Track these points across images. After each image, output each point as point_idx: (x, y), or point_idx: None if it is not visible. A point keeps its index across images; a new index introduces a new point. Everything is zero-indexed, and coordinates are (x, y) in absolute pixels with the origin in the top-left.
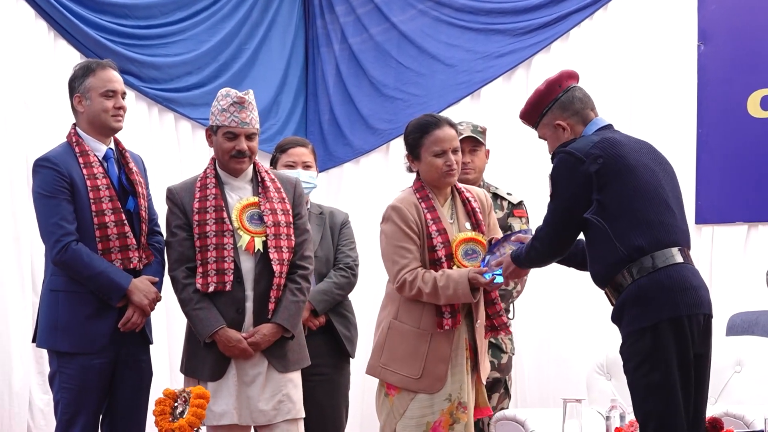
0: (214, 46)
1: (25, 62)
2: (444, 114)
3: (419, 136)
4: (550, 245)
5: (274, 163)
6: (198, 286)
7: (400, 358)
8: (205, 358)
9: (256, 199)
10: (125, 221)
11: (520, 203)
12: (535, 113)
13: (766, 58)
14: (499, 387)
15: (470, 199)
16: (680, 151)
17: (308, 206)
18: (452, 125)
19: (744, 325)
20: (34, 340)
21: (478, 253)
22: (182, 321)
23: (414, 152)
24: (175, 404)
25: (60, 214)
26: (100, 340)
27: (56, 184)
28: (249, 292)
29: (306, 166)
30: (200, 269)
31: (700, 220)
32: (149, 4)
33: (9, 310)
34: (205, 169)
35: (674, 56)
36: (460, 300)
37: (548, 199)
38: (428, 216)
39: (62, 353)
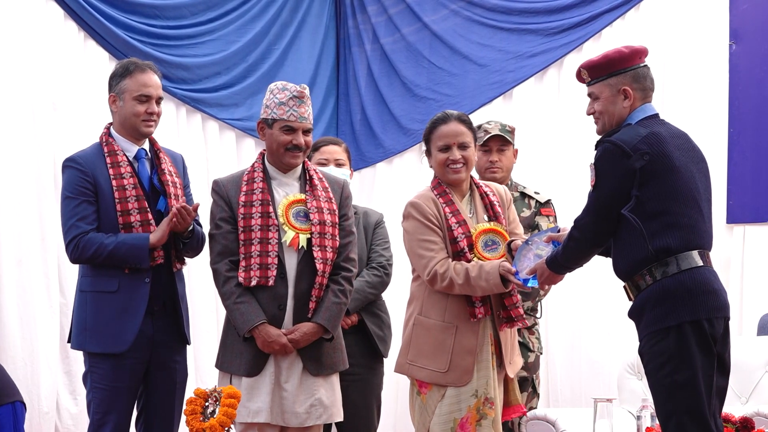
0: (243, 46)
1: (55, 63)
2: (476, 114)
3: (429, 132)
4: (591, 235)
5: None
6: (240, 279)
7: (426, 353)
8: (241, 354)
9: (302, 196)
10: (152, 221)
11: (548, 202)
12: (605, 69)
13: None
14: (526, 386)
15: (488, 192)
16: (712, 151)
17: None
18: (463, 121)
19: None
20: (69, 341)
21: (498, 243)
22: (210, 319)
23: (427, 148)
24: (206, 404)
25: (78, 215)
26: (128, 339)
27: (78, 185)
28: (291, 289)
29: (338, 164)
30: (243, 263)
31: (732, 219)
32: (179, 4)
33: (36, 311)
34: (253, 164)
35: (706, 55)
36: (492, 291)
37: (591, 187)
38: (447, 210)
39: (93, 354)
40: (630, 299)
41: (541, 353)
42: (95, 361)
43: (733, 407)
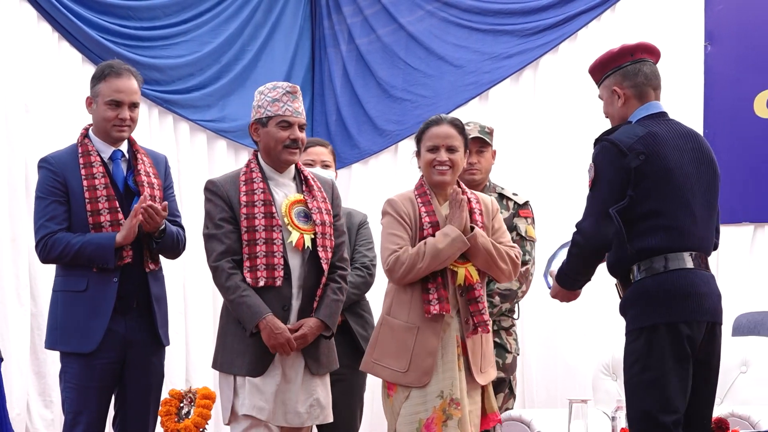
0: (217, 47)
1: (28, 65)
2: (452, 115)
3: (421, 133)
4: (596, 236)
5: None
6: (249, 280)
7: (390, 352)
8: (244, 353)
9: (301, 196)
10: (122, 221)
11: (526, 203)
12: (600, 72)
13: None
14: (503, 387)
15: (471, 200)
16: None
17: None
18: (455, 126)
19: (750, 325)
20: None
21: None
22: (206, 320)
23: (418, 149)
24: (181, 405)
25: (48, 215)
26: (96, 339)
27: (49, 185)
28: (296, 290)
29: (324, 166)
30: (248, 263)
31: None
32: (152, 5)
33: (7, 312)
34: (248, 164)
35: (681, 56)
36: (456, 249)
37: (588, 188)
38: (422, 209)
39: (65, 353)
40: (619, 296)
41: (519, 354)
42: (67, 361)
43: None
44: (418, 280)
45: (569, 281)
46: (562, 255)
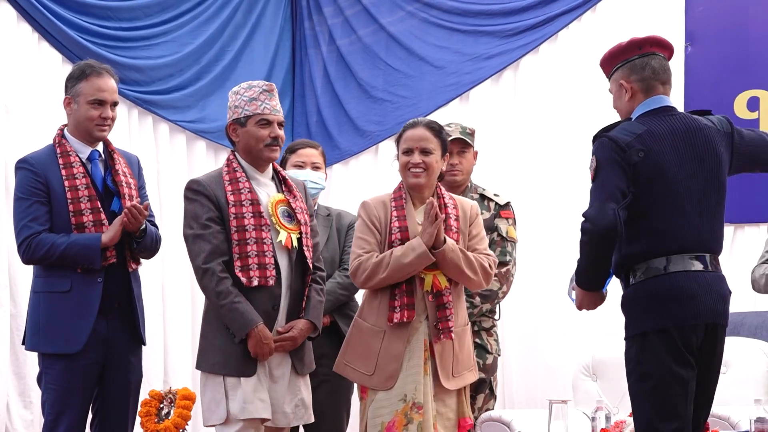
0: (197, 48)
1: (8, 65)
2: (433, 116)
3: (399, 136)
4: (602, 218)
5: (283, 164)
6: (242, 280)
7: (359, 355)
8: (232, 355)
9: (282, 196)
10: (104, 221)
11: (507, 204)
12: (609, 65)
13: (753, 60)
14: (484, 388)
15: (448, 204)
16: None
17: (316, 207)
18: (432, 128)
19: (729, 326)
20: (23, 343)
21: None
22: (184, 320)
23: (397, 152)
24: (161, 405)
25: (30, 216)
26: (81, 339)
27: (30, 186)
28: (284, 289)
29: (315, 167)
30: (239, 263)
31: None
32: (132, 6)
33: None
34: (229, 164)
35: None
36: (419, 264)
37: (591, 180)
38: (394, 214)
39: (47, 354)
40: None
41: (499, 355)
42: (49, 362)
43: None
44: (387, 285)
45: (586, 279)
46: None
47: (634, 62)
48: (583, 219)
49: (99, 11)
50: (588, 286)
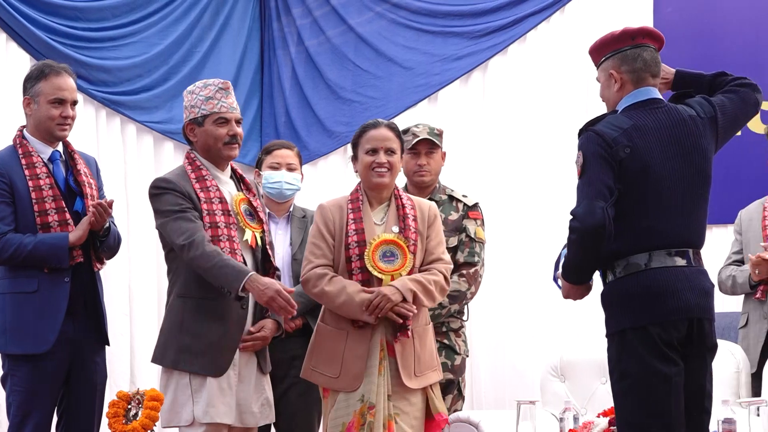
0: (165, 49)
1: None
2: (401, 117)
3: (358, 137)
4: (590, 217)
5: (258, 165)
6: None
7: (324, 359)
8: (203, 353)
9: (243, 194)
10: (69, 221)
11: (476, 205)
12: (598, 54)
13: (721, 62)
14: (452, 389)
15: (406, 205)
16: None
17: (292, 209)
18: (392, 129)
19: None
20: None
21: (396, 255)
22: (146, 323)
23: (354, 152)
24: (129, 406)
25: None
26: (48, 341)
27: None
28: None
29: (290, 168)
30: None
31: None
32: (100, 6)
33: None
34: (192, 162)
35: None
36: (350, 315)
37: (578, 177)
38: (350, 216)
39: (13, 356)
40: None
41: (468, 356)
42: (15, 364)
43: None
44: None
45: (574, 273)
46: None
47: (626, 53)
48: (572, 217)
49: (67, 12)
50: (576, 281)
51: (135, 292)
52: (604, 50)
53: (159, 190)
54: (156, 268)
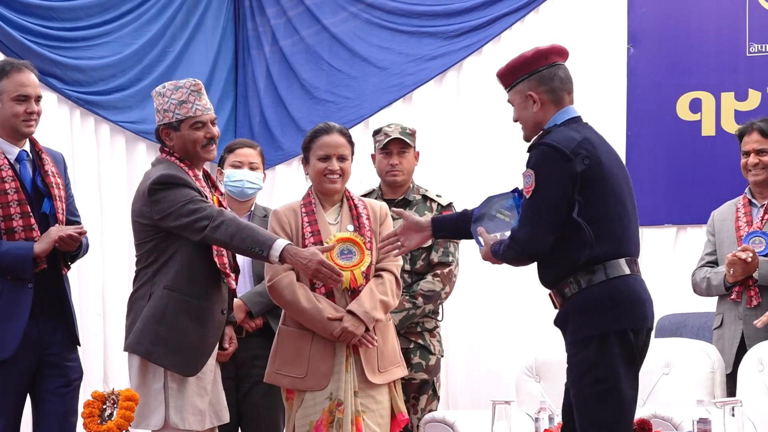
0: (139, 48)
1: None
2: (376, 117)
3: (309, 141)
4: (530, 247)
5: (221, 163)
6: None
7: (288, 360)
8: (181, 351)
9: (217, 197)
10: (34, 226)
11: (449, 205)
12: (512, 76)
13: (696, 61)
14: (427, 389)
15: (358, 206)
16: None
17: (253, 208)
18: (344, 134)
19: (672, 327)
20: None
21: (354, 253)
22: (119, 323)
23: (306, 156)
24: (104, 406)
25: None
26: (12, 345)
27: None
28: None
29: (252, 167)
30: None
31: None
32: (74, 6)
33: None
34: (177, 160)
35: (604, 59)
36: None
37: (527, 196)
38: (305, 219)
39: None
40: (555, 307)
41: (442, 356)
42: None
43: None
44: (308, 287)
45: (499, 259)
46: (489, 207)
47: (542, 73)
48: (511, 238)
49: (41, 12)
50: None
51: (108, 292)
52: (518, 72)
53: (167, 186)
54: (129, 268)
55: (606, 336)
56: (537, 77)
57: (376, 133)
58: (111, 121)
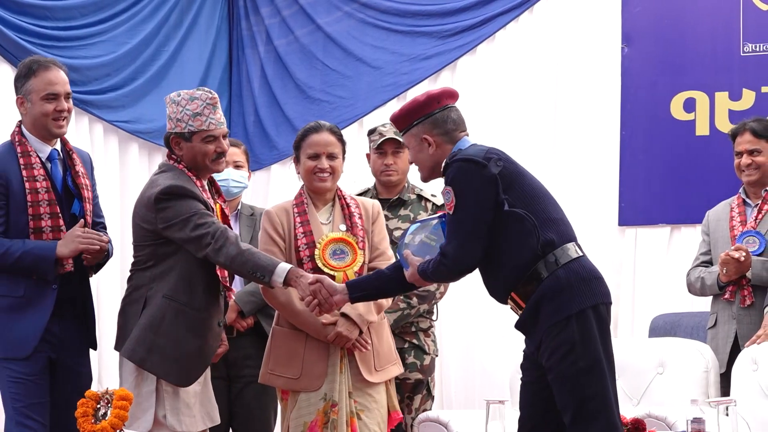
0: (133, 48)
1: None
2: (370, 116)
3: (300, 140)
4: (461, 260)
5: None
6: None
7: (282, 361)
8: (177, 360)
9: (217, 205)
10: (62, 227)
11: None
12: (406, 121)
13: (690, 61)
14: (421, 388)
15: (350, 205)
16: (604, 153)
17: (239, 207)
18: (334, 133)
19: (666, 326)
20: None
21: (346, 253)
22: (113, 324)
23: (296, 155)
24: (98, 406)
25: None
26: (33, 344)
27: None
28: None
29: (237, 166)
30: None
31: (623, 221)
32: (68, 5)
33: None
34: (185, 169)
35: (598, 58)
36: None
37: (450, 212)
38: (297, 219)
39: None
40: (519, 312)
41: (437, 356)
42: (4, 363)
43: (625, 409)
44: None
45: (429, 279)
46: (417, 234)
47: (435, 116)
48: (441, 254)
49: (35, 11)
50: (431, 282)
51: (102, 291)
52: (412, 117)
53: (174, 197)
54: (122, 268)
55: (584, 311)
56: (431, 120)
57: (371, 132)
58: (105, 121)
